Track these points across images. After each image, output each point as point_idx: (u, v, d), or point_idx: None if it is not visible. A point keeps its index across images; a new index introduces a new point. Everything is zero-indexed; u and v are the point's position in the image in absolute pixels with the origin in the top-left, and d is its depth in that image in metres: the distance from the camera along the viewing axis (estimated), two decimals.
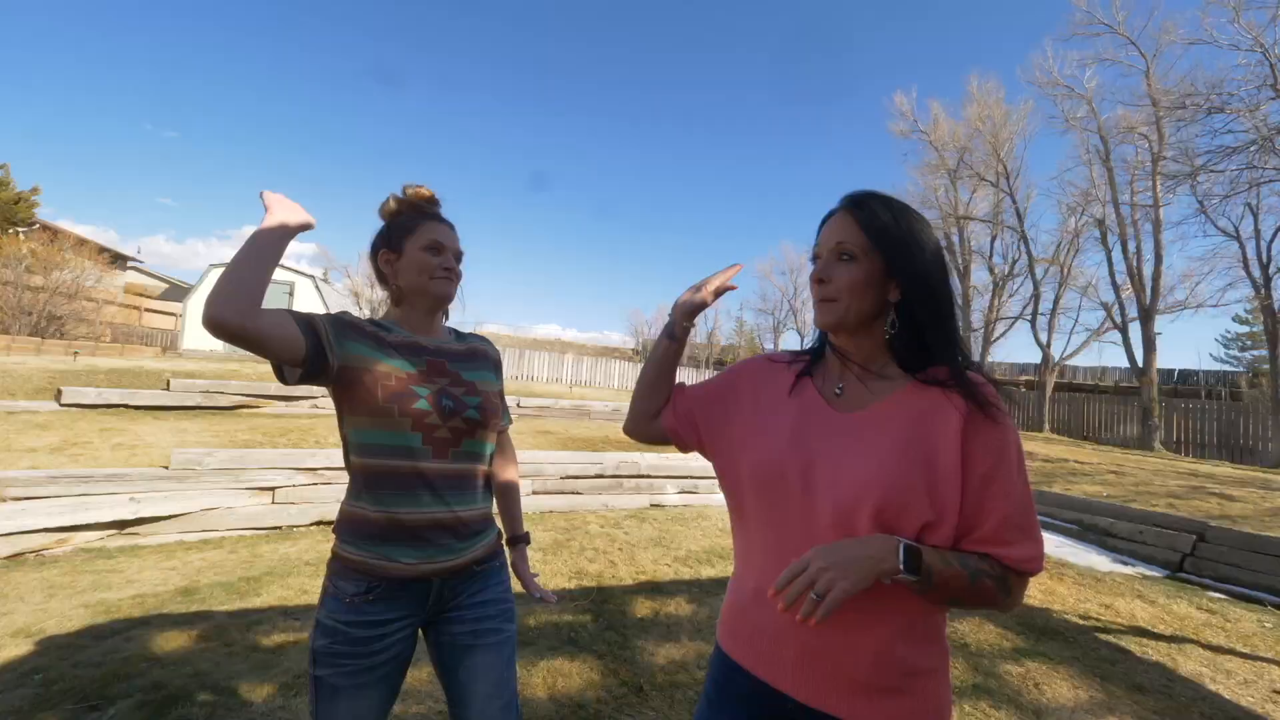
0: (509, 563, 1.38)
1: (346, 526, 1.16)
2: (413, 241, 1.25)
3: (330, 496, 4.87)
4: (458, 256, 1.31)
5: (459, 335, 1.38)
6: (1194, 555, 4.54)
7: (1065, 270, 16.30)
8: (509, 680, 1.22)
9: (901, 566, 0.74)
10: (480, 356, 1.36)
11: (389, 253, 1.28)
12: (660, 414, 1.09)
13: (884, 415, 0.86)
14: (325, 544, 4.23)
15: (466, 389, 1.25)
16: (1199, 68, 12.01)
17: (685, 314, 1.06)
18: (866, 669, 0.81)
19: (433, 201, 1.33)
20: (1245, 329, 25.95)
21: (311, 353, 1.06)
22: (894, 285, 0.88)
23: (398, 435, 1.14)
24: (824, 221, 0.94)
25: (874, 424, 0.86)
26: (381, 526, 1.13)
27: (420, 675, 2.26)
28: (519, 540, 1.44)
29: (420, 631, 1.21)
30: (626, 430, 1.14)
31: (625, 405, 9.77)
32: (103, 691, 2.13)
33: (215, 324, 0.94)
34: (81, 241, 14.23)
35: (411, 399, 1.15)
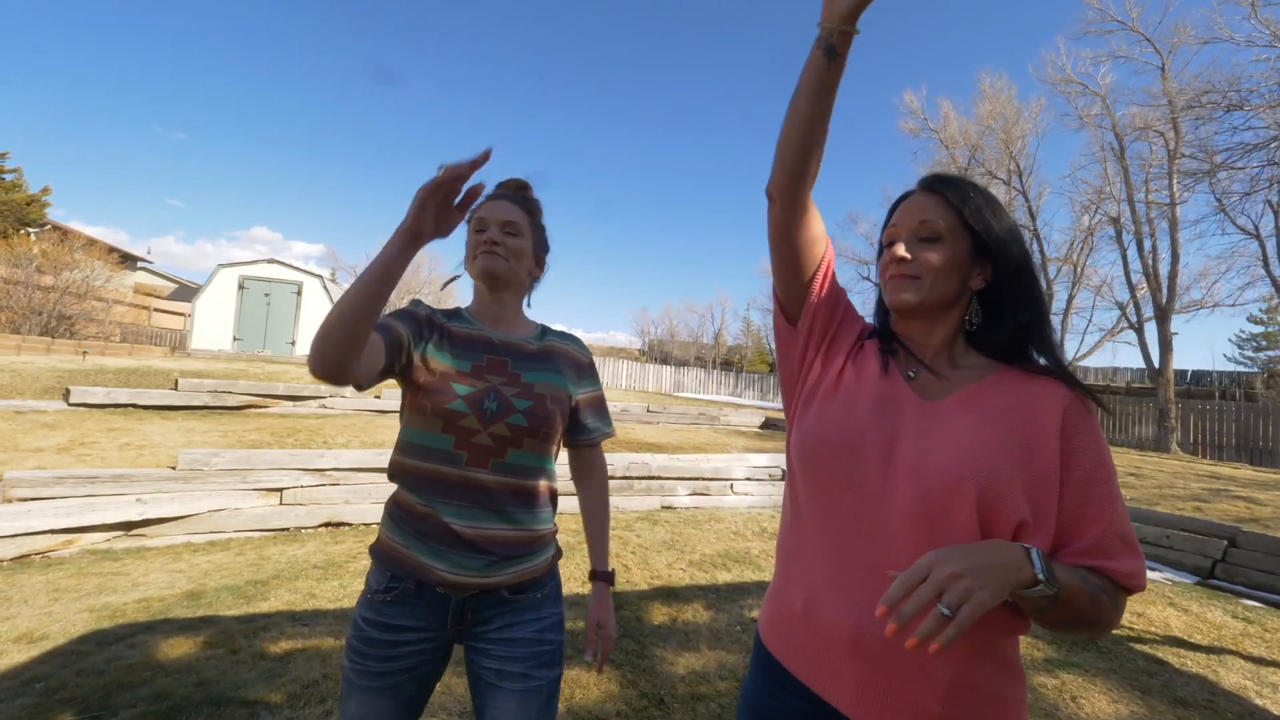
0: (587, 602, 1.20)
1: (390, 508, 1.13)
2: (468, 230, 1.21)
3: (338, 498, 4.81)
4: (504, 226, 1.15)
5: (545, 333, 1.24)
6: (1225, 561, 4.40)
7: (1079, 269, 16.10)
8: None
9: (1041, 576, 0.62)
10: (556, 357, 1.20)
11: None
12: (809, 190, 0.83)
13: (972, 403, 0.78)
14: (333, 546, 4.16)
15: (520, 391, 1.10)
16: (1215, 64, 11.83)
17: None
18: (940, 698, 0.70)
19: (523, 188, 1.26)
20: (1260, 329, 25.59)
21: (389, 361, 1.02)
22: (978, 271, 0.81)
23: (430, 436, 1.06)
24: (900, 201, 0.87)
25: (962, 411, 0.77)
26: (417, 517, 1.06)
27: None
28: (598, 577, 1.22)
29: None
30: (771, 189, 0.84)
31: (633, 406, 9.61)
32: (105, 701, 2.06)
33: (318, 378, 0.90)
34: (91, 242, 14.28)
35: (446, 397, 1.05)
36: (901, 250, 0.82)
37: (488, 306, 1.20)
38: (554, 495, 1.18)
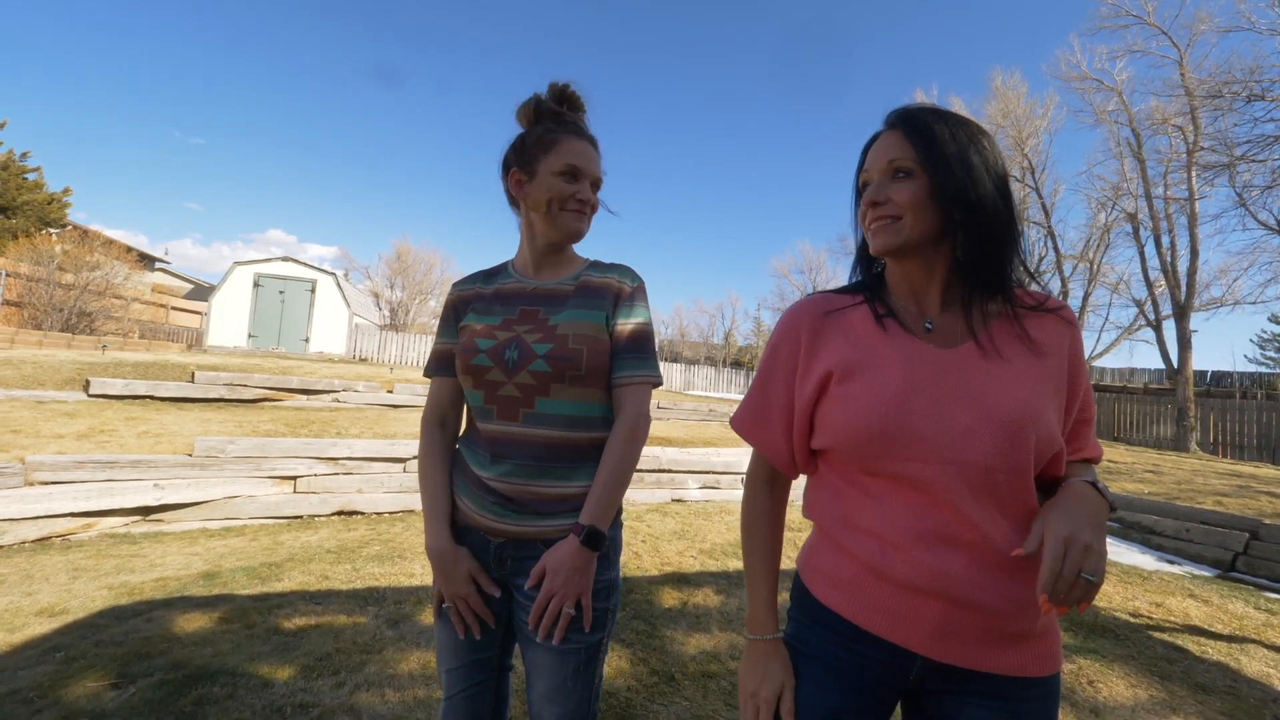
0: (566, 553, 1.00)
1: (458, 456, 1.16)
2: (548, 162, 1.07)
3: (351, 487, 4.85)
4: (595, 185, 1.11)
5: (589, 268, 1.15)
6: (1247, 554, 4.31)
7: (1094, 267, 15.87)
8: (573, 691, 1.01)
9: (1114, 505, 0.76)
10: (591, 291, 1.09)
11: (520, 172, 1.10)
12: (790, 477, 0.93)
13: (998, 343, 0.78)
14: (346, 533, 4.20)
15: (543, 336, 1.04)
16: (1235, 55, 11.60)
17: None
18: (1017, 618, 0.74)
19: (577, 107, 1.13)
20: None
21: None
22: (958, 200, 0.79)
23: (470, 394, 1.09)
24: (869, 144, 0.85)
25: (992, 353, 0.78)
26: (461, 464, 1.11)
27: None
28: (577, 532, 1.01)
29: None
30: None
31: None
32: (123, 670, 2.09)
33: None
34: (110, 242, 14.53)
35: (472, 354, 1.07)
36: (874, 193, 0.81)
37: (541, 256, 1.14)
38: (600, 448, 1.07)
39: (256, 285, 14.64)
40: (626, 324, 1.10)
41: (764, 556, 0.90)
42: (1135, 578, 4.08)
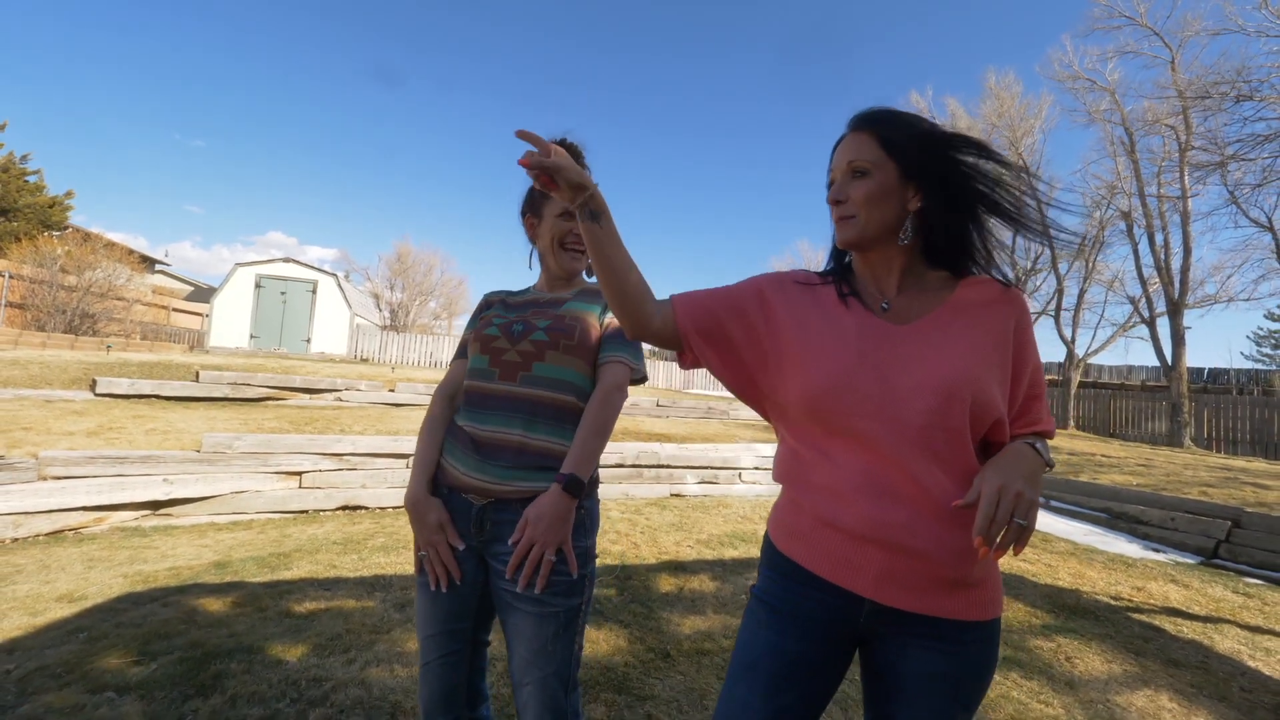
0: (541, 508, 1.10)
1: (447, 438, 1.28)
2: (550, 207, 1.29)
3: (355, 482, 4.95)
4: None
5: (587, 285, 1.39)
6: (1229, 541, 4.43)
7: (1089, 265, 15.98)
8: (553, 655, 1.10)
9: (1050, 462, 0.85)
10: (589, 294, 1.31)
11: (532, 217, 1.34)
12: (652, 309, 0.94)
13: (945, 321, 0.88)
14: (351, 526, 4.30)
15: (545, 315, 1.25)
16: (1225, 56, 11.76)
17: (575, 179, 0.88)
18: (954, 565, 0.81)
19: (576, 155, 1.25)
20: (1279, 325, 25.23)
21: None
22: (913, 191, 0.88)
23: (476, 359, 1.25)
24: (834, 148, 0.95)
25: (939, 330, 0.87)
26: (454, 429, 1.24)
27: None
28: (557, 479, 1.11)
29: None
30: (631, 337, 0.99)
31: (642, 399, 9.70)
32: (145, 648, 2.19)
33: None
34: (112, 244, 14.62)
35: (486, 327, 1.26)
36: (834, 192, 0.91)
37: (554, 281, 1.36)
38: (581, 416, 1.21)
39: (258, 286, 14.74)
40: (614, 321, 1.28)
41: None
42: (1120, 565, 4.19)
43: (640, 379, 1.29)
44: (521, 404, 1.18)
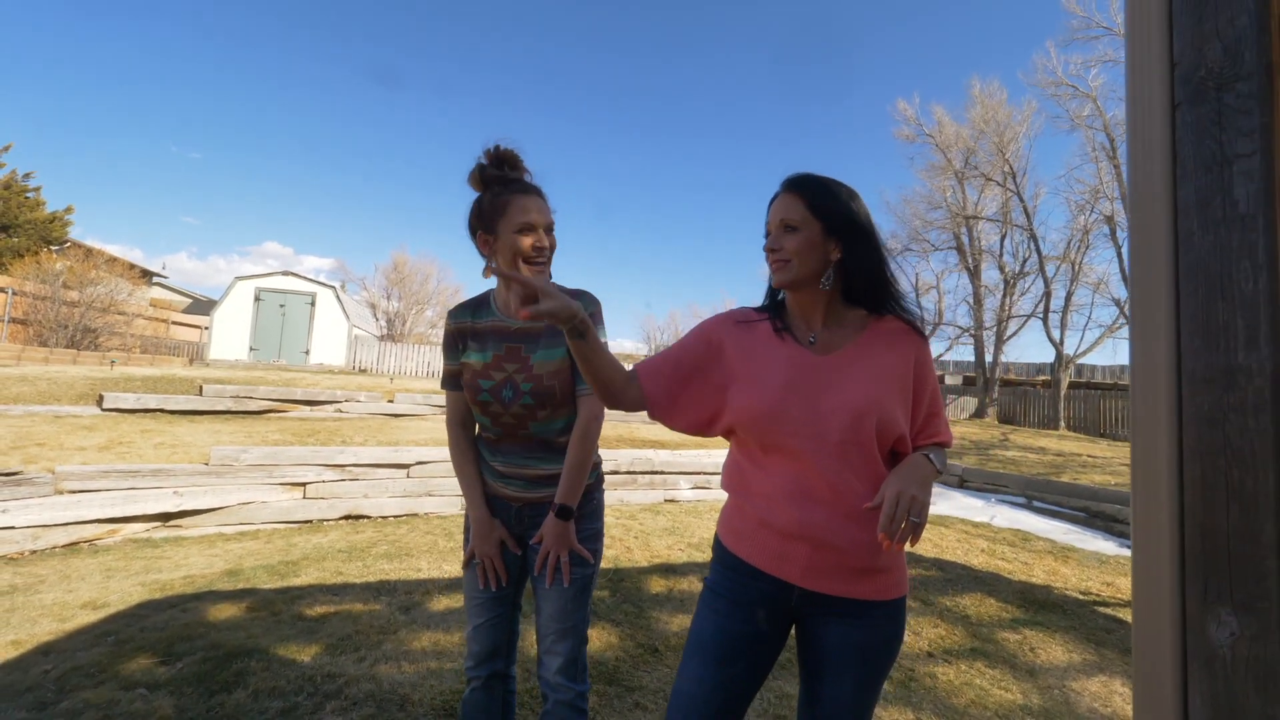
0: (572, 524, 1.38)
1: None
2: (505, 223, 1.27)
3: (358, 492, 5.11)
4: (549, 228, 1.33)
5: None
6: None
7: (1076, 267, 16.26)
8: (571, 613, 1.36)
9: (940, 469, 1.03)
10: (553, 327, 1.28)
11: (485, 234, 1.31)
12: (626, 390, 1.12)
13: (859, 354, 1.08)
14: (355, 535, 4.46)
15: (526, 375, 1.34)
16: None
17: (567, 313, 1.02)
18: (864, 556, 1.01)
19: (516, 165, 1.32)
20: None
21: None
22: (834, 245, 1.07)
23: (478, 415, 1.44)
24: (772, 201, 1.13)
25: (854, 360, 1.07)
26: (484, 460, 1.47)
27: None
28: (552, 509, 1.35)
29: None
30: (608, 407, 1.17)
31: None
32: (169, 650, 2.36)
33: None
34: (113, 259, 14.78)
35: (476, 392, 1.39)
36: (770, 242, 1.10)
37: (502, 291, 1.43)
38: None
39: (257, 299, 14.90)
40: None
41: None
42: (1094, 562, 4.38)
43: None
44: (525, 447, 1.40)
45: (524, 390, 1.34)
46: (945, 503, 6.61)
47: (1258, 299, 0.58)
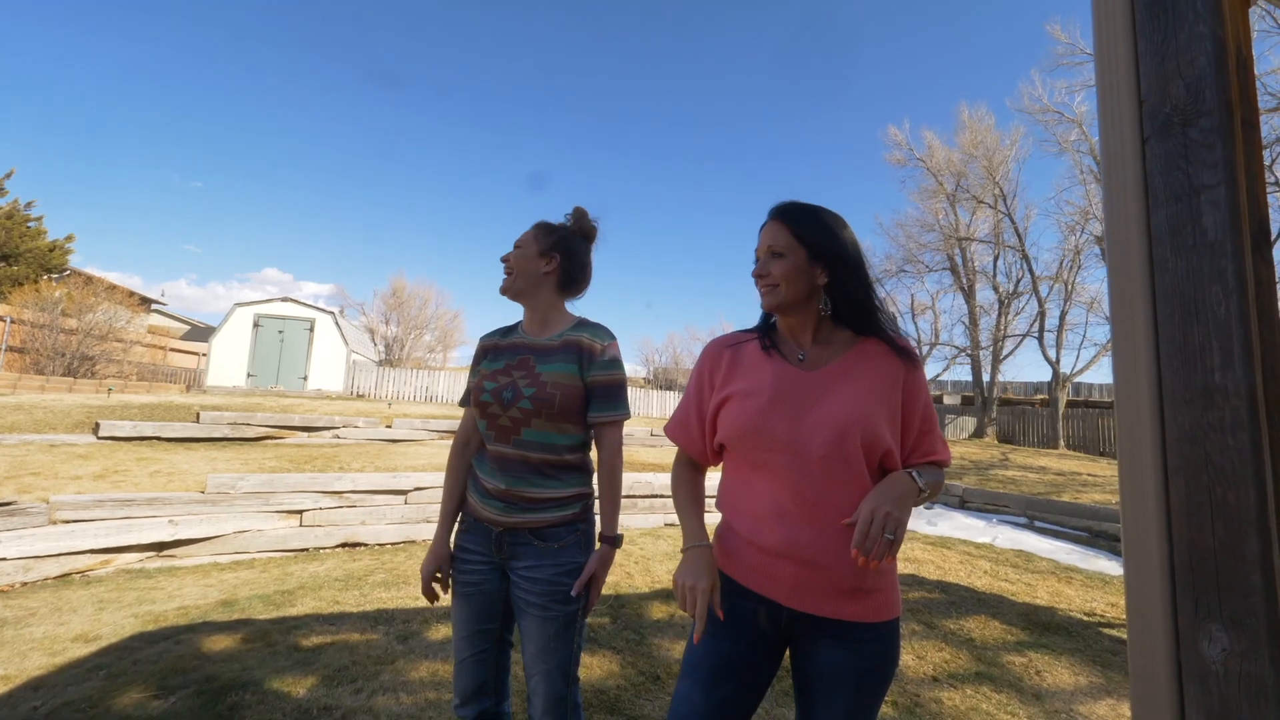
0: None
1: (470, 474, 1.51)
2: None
3: (355, 519, 5.07)
4: (516, 246, 1.49)
5: (575, 327, 1.47)
6: None
7: (1069, 287, 16.42)
8: (555, 651, 1.33)
9: (923, 488, 1.01)
10: (569, 349, 1.42)
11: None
12: (697, 475, 1.25)
13: (846, 370, 1.09)
14: (351, 563, 4.41)
15: (531, 381, 1.38)
16: None
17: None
18: (852, 577, 1.00)
19: (589, 235, 1.58)
20: None
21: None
22: (819, 270, 1.11)
23: (479, 421, 1.44)
24: (760, 230, 1.17)
25: (840, 377, 1.08)
26: (476, 476, 1.47)
27: None
28: (601, 539, 1.42)
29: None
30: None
31: (637, 430, 9.85)
32: (162, 683, 2.32)
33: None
34: (112, 287, 14.85)
35: (480, 393, 1.43)
36: (758, 268, 1.13)
37: (527, 316, 1.53)
38: (573, 467, 1.41)
39: (256, 325, 14.93)
40: (600, 376, 1.42)
41: (689, 499, 1.20)
42: (1098, 582, 4.34)
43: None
44: (513, 462, 1.38)
45: (525, 394, 1.36)
46: (946, 523, 6.58)
47: (1230, 321, 0.60)
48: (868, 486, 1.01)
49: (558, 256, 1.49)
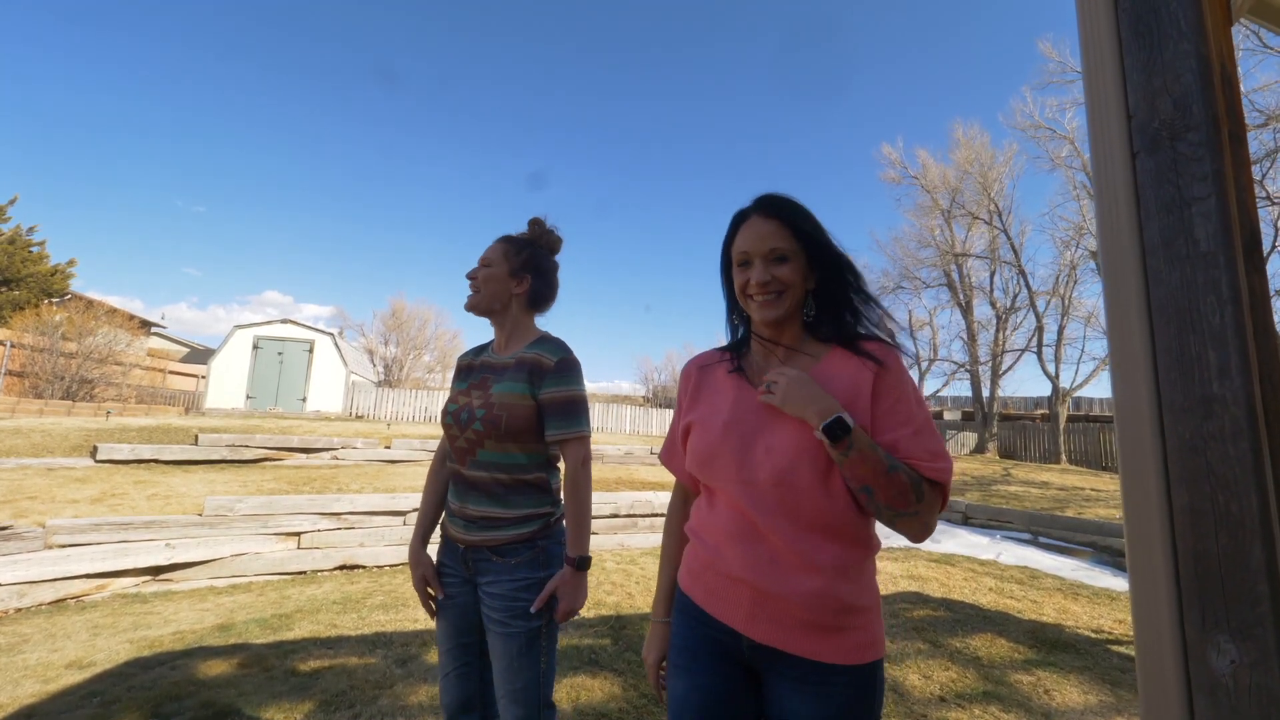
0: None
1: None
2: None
3: (353, 541, 5.02)
4: (483, 264, 1.49)
5: (531, 345, 1.45)
6: None
7: (1066, 301, 16.51)
8: (520, 671, 1.31)
9: (822, 428, 0.88)
10: (520, 367, 1.41)
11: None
12: (685, 494, 1.21)
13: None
14: (350, 586, 4.35)
15: (483, 403, 1.38)
16: None
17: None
18: (808, 608, 0.90)
19: (552, 246, 1.61)
20: None
21: None
22: (812, 275, 1.03)
23: (447, 441, 1.48)
24: (741, 222, 1.05)
25: None
26: (449, 499, 1.49)
27: None
28: (565, 560, 1.37)
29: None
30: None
31: (636, 448, 9.81)
32: (158, 710, 2.28)
33: None
34: (113, 311, 14.89)
35: (445, 414, 1.48)
36: (763, 275, 1.00)
37: (495, 334, 1.54)
38: (532, 486, 1.39)
39: (256, 347, 14.94)
40: (556, 393, 1.40)
41: (667, 554, 1.18)
42: (1105, 599, 4.29)
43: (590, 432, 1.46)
44: (472, 483, 1.40)
45: (478, 415, 1.37)
46: (950, 540, 6.51)
47: (1225, 331, 0.61)
48: (828, 509, 0.92)
49: (529, 277, 1.50)
